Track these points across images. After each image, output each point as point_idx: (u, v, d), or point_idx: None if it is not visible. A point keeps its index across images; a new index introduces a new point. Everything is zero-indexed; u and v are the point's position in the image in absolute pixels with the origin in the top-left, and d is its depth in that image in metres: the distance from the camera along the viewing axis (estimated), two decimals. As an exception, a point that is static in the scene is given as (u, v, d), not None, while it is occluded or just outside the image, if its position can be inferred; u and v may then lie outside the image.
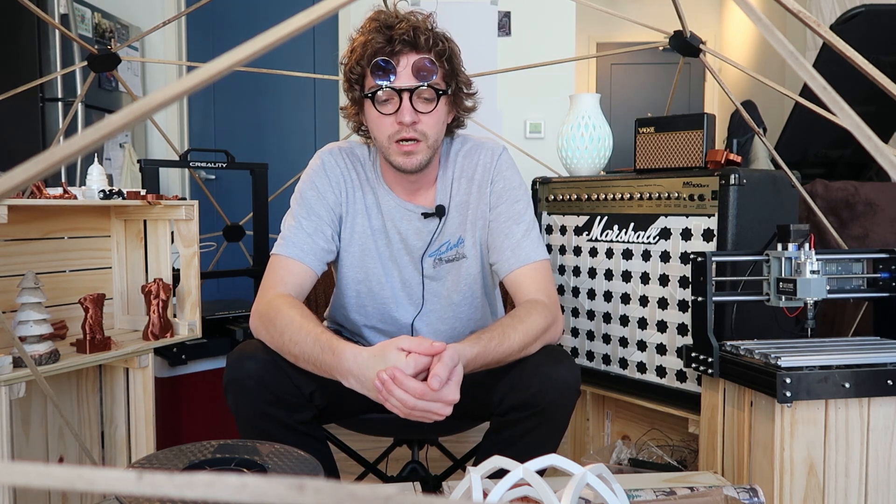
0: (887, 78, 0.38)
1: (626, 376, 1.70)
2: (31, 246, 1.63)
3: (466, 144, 1.45)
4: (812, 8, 3.62)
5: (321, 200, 1.38)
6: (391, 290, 1.42)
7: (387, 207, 1.40)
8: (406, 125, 1.27)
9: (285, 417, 1.24)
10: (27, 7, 1.73)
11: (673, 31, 1.80)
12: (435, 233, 1.39)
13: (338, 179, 1.39)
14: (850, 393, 1.19)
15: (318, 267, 1.36)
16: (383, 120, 1.29)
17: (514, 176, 1.44)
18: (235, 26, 3.89)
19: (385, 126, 1.29)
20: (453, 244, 1.41)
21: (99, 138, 0.29)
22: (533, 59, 3.39)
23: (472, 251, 1.42)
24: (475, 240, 1.42)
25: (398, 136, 1.28)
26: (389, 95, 1.27)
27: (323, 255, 1.37)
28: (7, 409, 1.35)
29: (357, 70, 1.29)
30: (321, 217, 1.37)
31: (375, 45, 1.26)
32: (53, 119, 3.08)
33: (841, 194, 2.07)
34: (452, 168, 1.42)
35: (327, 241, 1.37)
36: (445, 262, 1.41)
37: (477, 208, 1.41)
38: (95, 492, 0.33)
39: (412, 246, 1.41)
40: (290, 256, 1.34)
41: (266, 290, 1.32)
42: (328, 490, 0.23)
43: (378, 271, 1.42)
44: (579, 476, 0.80)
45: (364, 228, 1.40)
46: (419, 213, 1.39)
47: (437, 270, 1.42)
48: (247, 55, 0.30)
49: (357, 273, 1.42)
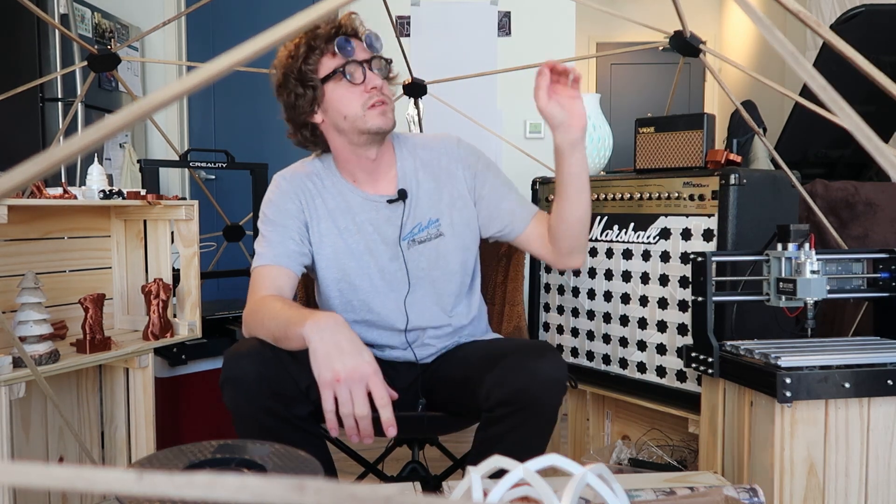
0: (887, 78, 0.38)
1: (626, 376, 1.70)
2: (31, 246, 1.63)
3: (421, 139, 1.55)
4: (812, 8, 3.62)
5: (284, 213, 1.44)
6: (370, 281, 1.46)
7: (354, 203, 1.46)
8: (377, 89, 1.38)
9: (282, 412, 1.26)
10: (27, 7, 1.73)
11: (673, 31, 1.80)
12: (403, 216, 1.46)
13: (295, 192, 1.46)
14: (850, 393, 1.19)
15: (295, 267, 1.42)
16: (353, 92, 1.38)
17: (481, 154, 1.54)
18: (235, 26, 3.89)
19: (355, 98, 1.38)
20: (425, 226, 1.47)
21: (99, 138, 0.29)
22: (533, 59, 3.38)
23: (449, 229, 1.48)
24: (452, 219, 1.48)
25: (371, 102, 1.38)
26: (356, 68, 1.38)
27: (297, 257, 1.42)
28: (7, 409, 1.35)
29: (312, 60, 1.37)
30: (287, 226, 1.43)
31: (327, 33, 1.37)
32: (53, 119, 3.08)
33: (841, 194, 2.07)
34: (413, 159, 1.50)
35: (298, 245, 1.43)
36: (419, 242, 1.47)
37: (453, 189, 1.48)
38: (95, 492, 0.34)
39: (387, 234, 1.46)
40: (266, 264, 1.40)
41: (249, 299, 1.39)
42: (328, 490, 0.23)
43: (354, 266, 1.46)
44: (579, 476, 0.80)
45: (330, 230, 1.46)
46: (384, 202, 1.46)
47: (411, 252, 1.47)
48: (247, 55, 0.30)
49: (335, 273, 1.46)
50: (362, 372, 1.15)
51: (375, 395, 1.15)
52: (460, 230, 1.49)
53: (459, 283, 1.51)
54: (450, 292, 1.50)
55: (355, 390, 1.15)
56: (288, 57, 1.39)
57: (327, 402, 1.16)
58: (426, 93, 2.46)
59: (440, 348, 1.50)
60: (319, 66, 1.38)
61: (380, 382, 1.16)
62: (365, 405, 1.15)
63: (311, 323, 1.19)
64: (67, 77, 3.08)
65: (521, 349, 1.31)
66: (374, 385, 1.16)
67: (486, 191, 1.50)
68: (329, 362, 1.15)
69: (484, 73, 3.10)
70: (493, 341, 1.52)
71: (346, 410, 1.15)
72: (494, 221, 1.50)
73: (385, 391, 1.16)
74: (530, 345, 1.35)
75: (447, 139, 1.53)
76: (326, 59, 1.38)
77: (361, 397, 1.15)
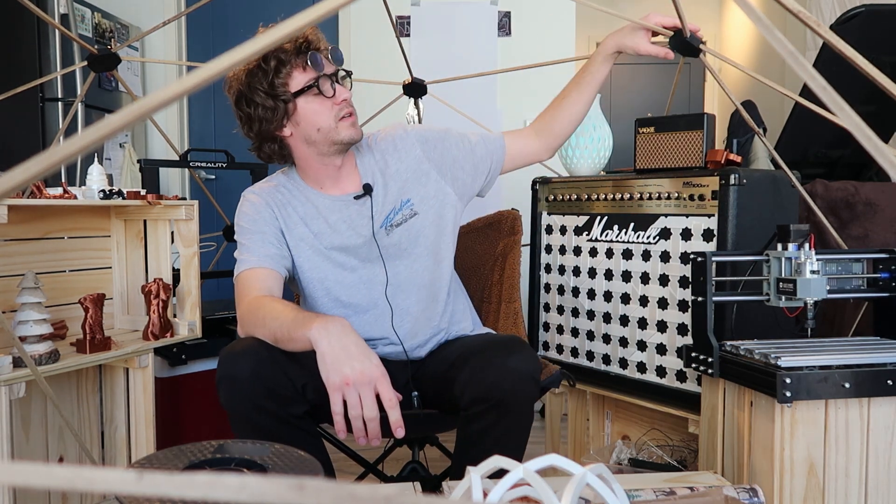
0: (887, 78, 0.38)
1: (626, 376, 1.70)
2: (31, 246, 1.63)
3: (374, 133, 1.59)
4: (812, 8, 3.62)
5: (259, 221, 1.46)
6: (353, 275, 1.49)
7: (323, 207, 1.49)
8: (347, 101, 1.43)
9: (278, 410, 1.26)
10: (27, 7, 1.73)
11: (673, 31, 1.80)
12: (373, 208, 1.49)
13: (266, 202, 1.49)
14: (850, 393, 1.19)
15: (279, 268, 1.43)
16: (325, 106, 1.41)
17: (430, 127, 1.60)
18: (235, 26, 3.89)
19: (327, 110, 1.41)
20: (398, 208, 1.51)
21: (99, 138, 0.29)
22: (533, 59, 3.39)
23: (422, 206, 1.52)
24: (422, 196, 1.52)
25: (342, 114, 1.42)
26: (327, 82, 1.41)
27: (279, 258, 1.44)
28: (7, 409, 1.35)
29: (283, 75, 1.38)
30: (264, 232, 1.45)
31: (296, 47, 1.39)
32: (53, 119, 3.08)
33: (841, 194, 2.07)
34: (371, 152, 1.54)
35: (277, 248, 1.45)
36: (396, 225, 1.50)
37: (417, 167, 1.53)
38: (95, 492, 0.34)
39: (361, 228, 1.48)
40: (252, 267, 1.41)
41: (240, 302, 1.40)
42: (328, 490, 0.23)
43: (334, 265, 1.48)
44: (579, 476, 0.80)
45: (306, 234, 1.48)
46: (351, 199, 1.49)
47: (390, 236, 1.50)
48: (247, 55, 0.30)
49: (318, 273, 1.48)
50: (371, 375, 1.17)
51: (384, 397, 1.17)
52: (432, 204, 1.54)
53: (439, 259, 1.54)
54: (429, 269, 1.53)
55: (364, 393, 1.17)
56: (251, 72, 1.39)
57: (336, 404, 1.17)
58: (426, 93, 2.46)
59: (429, 338, 1.51)
60: (290, 80, 1.39)
61: (388, 385, 1.18)
62: (374, 407, 1.17)
63: (319, 326, 1.19)
64: (67, 77, 3.08)
65: (491, 345, 1.33)
66: (383, 387, 1.17)
67: (455, 152, 1.56)
68: (338, 366, 1.17)
69: (484, 73, 3.10)
70: (472, 338, 1.54)
71: (356, 413, 1.17)
72: (480, 170, 1.58)
73: (393, 393, 1.18)
74: (501, 340, 1.37)
75: (397, 126, 1.60)
76: (297, 73, 1.39)
77: (370, 400, 1.17)
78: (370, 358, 1.19)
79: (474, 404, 1.28)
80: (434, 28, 3.65)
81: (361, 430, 1.18)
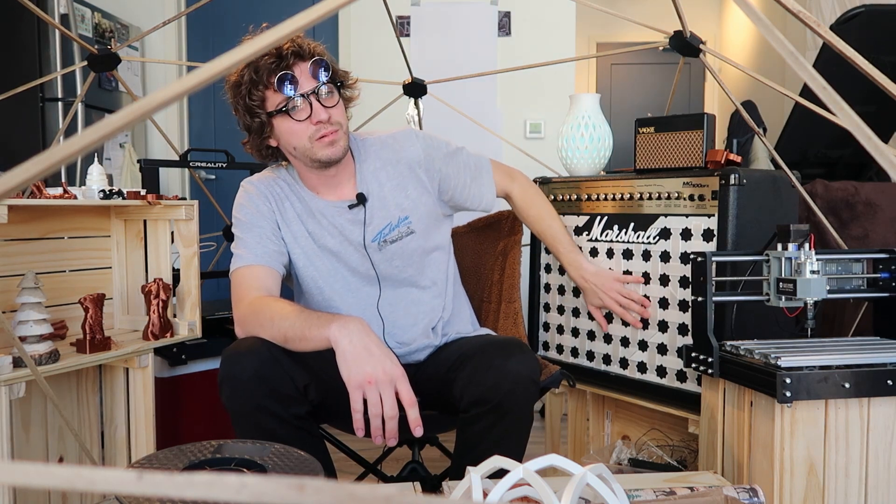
0: (887, 78, 0.38)
1: (626, 376, 1.70)
2: (31, 246, 1.63)
3: (380, 138, 1.54)
4: (812, 8, 3.62)
5: (257, 215, 1.45)
6: (343, 282, 1.49)
7: (317, 209, 1.47)
8: (323, 122, 1.37)
9: (280, 411, 1.26)
10: (27, 7, 1.73)
11: (673, 31, 1.80)
12: (365, 219, 1.46)
13: (264, 194, 1.47)
14: (850, 393, 1.19)
15: (277, 266, 1.43)
16: (300, 126, 1.37)
17: (441, 143, 1.56)
18: (235, 26, 3.88)
19: (303, 131, 1.37)
20: (395, 224, 1.48)
21: (99, 138, 0.29)
22: (533, 59, 3.39)
23: (420, 225, 1.50)
24: (421, 215, 1.50)
25: (318, 134, 1.37)
26: (300, 102, 1.36)
27: (277, 256, 1.43)
28: (7, 409, 1.35)
29: (257, 95, 1.35)
30: (262, 227, 1.44)
31: (269, 65, 1.34)
32: (53, 119, 3.08)
33: (841, 194, 2.07)
34: (372, 160, 1.50)
35: (275, 244, 1.44)
36: (390, 242, 1.48)
37: (418, 184, 1.50)
38: (95, 492, 0.34)
39: (353, 238, 1.47)
40: (248, 264, 1.41)
41: (239, 301, 1.38)
42: (328, 490, 0.23)
43: (326, 267, 1.48)
44: (579, 476, 0.80)
45: (301, 231, 1.47)
46: (346, 207, 1.47)
47: (383, 252, 1.48)
48: (247, 55, 0.30)
49: (312, 272, 1.48)
50: (392, 374, 1.18)
51: (403, 397, 1.18)
52: (431, 223, 1.52)
53: (433, 279, 1.53)
54: (425, 288, 1.52)
55: (385, 392, 1.18)
56: (234, 85, 1.38)
57: (356, 402, 1.18)
58: (426, 93, 2.46)
59: (423, 347, 1.51)
60: (265, 101, 1.37)
61: (407, 385, 1.19)
62: (394, 406, 1.18)
63: (339, 325, 1.20)
64: (67, 77, 3.08)
65: (490, 347, 1.33)
66: (402, 387, 1.19)
67: (453, 182, 1.55)
68: (361, 364, 1.17)
69: (484, 73, 3.10)
70: (471, 339, 1.53)
71: (376, 411, 1.18)
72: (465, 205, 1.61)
73: (412, 393, 1.19)
74: (500, 342, 1.37)
75: (405, 134, 1.54)
76: (270, 93, 1.36)
77: (390, 399, 1.18)
78: (391, 358, 1.20)
79: (474, 406, 1.28)
80: (434, 28, 3.65)
81: (379, 428, 1.18)
